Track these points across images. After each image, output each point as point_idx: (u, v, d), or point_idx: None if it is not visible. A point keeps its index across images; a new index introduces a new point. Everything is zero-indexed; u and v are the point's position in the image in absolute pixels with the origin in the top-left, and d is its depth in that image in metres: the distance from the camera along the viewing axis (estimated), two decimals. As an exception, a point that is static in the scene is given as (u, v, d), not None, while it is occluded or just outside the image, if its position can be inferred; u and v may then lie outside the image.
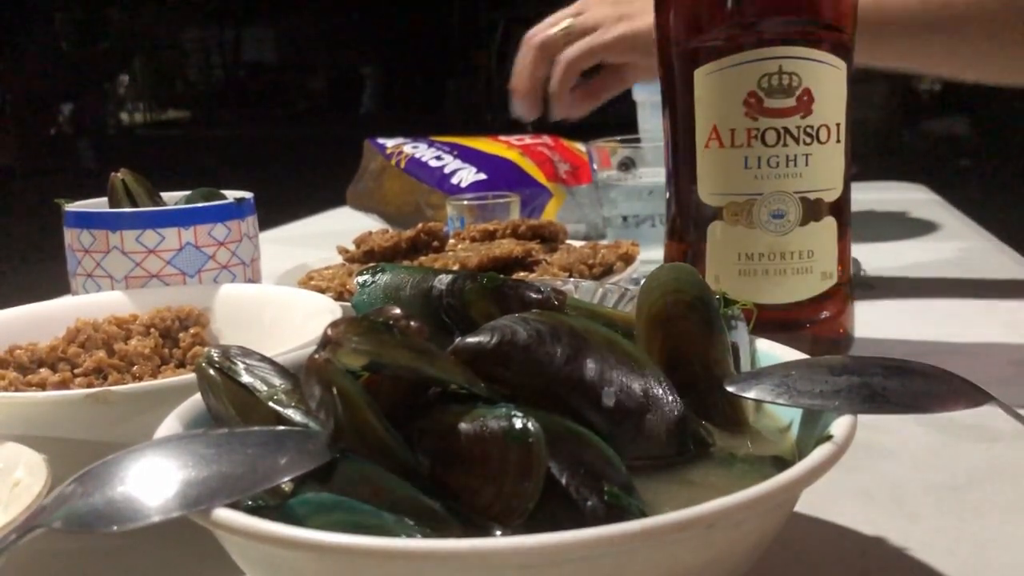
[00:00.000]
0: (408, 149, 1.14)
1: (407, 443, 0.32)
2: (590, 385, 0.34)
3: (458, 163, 1.10)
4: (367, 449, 0.31)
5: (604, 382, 0.34)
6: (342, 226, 1.20)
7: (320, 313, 0.56)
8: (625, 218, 0.91)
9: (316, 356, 0.31)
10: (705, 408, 0.38)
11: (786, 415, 0.38)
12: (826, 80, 0.56)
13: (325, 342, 0.32)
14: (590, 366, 0.34)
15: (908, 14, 0.56)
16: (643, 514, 0.31)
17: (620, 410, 0.34)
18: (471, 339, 0.34)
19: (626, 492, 0.31)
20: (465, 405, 0.32)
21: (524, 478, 0.30)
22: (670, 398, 0.35)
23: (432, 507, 0.30)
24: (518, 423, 0.30)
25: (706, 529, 0.27)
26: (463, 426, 0.31)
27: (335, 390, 0.31)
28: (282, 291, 0.64)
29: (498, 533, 0.30)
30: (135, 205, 0.70)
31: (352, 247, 0.80)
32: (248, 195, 0.72)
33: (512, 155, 1.11)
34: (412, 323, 0.33)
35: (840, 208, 0.59)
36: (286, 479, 0.30)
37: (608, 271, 0.73)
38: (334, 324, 0.32)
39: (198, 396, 0.37)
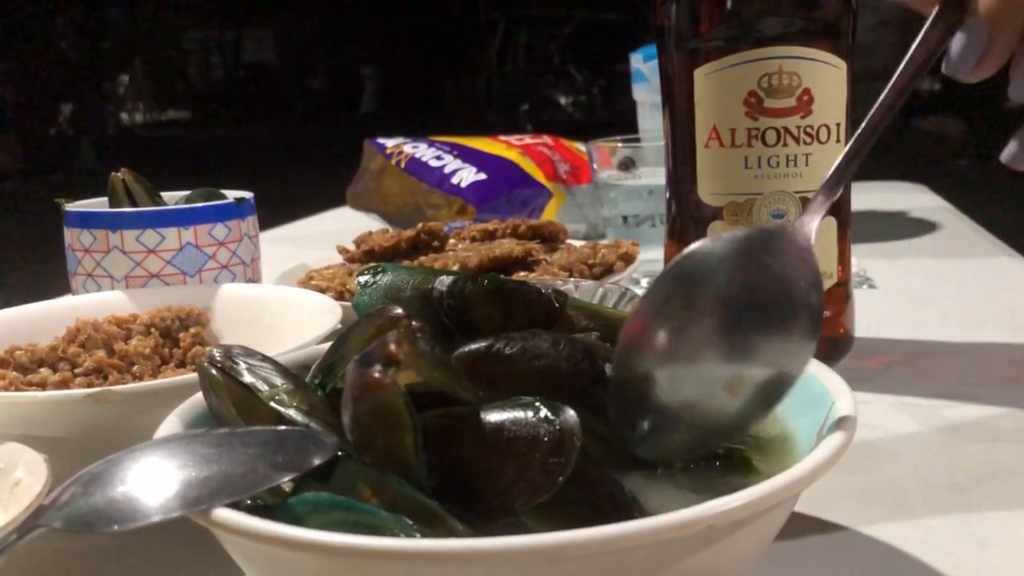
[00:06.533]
0: (408, 149, 1.15)
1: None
2: (598, 385, 0.34)
3: (458, 163, 1.10)
4: (390, 466, 0.31)
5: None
6: (342, 226, 1.20)
7: (320, 313, 0.56)
8: (625, 218, 0.91)
9: (378, 375, 0.30)
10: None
11: (787, 420, 0.38)
12: (826, 80, 0.56)
13: (388, 360, 0.30)
14: (596, 367, 0.35)
15: None
16: (643, 514, 0.31)
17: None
18: (473, 346, 0.34)
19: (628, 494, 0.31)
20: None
21: (556, 454, 0.30)
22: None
23: (432, 507, 0.30)
24: (547, 406, 0.31)
25: (706, 529, 0.27)
26: (484, 413, 0.32)
27: (392, 413, 0.30)
28: (282, 291, 0.64)
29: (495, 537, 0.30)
30: (135, 205, 0.70)
31: (352, 247, 0.80)
32: (248, 195, 0.72)
33: (512, 155, 1.11)
34: (413, 323, 0.33)
35: (840, 208, 0.59)
36: (286, 479, 0.30)
37: (608, 271, 0.73)
38: (397, 341, 0.31)
39: (199, 396, 0.37)
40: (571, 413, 0.31)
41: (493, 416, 0.32)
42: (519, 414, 0.31)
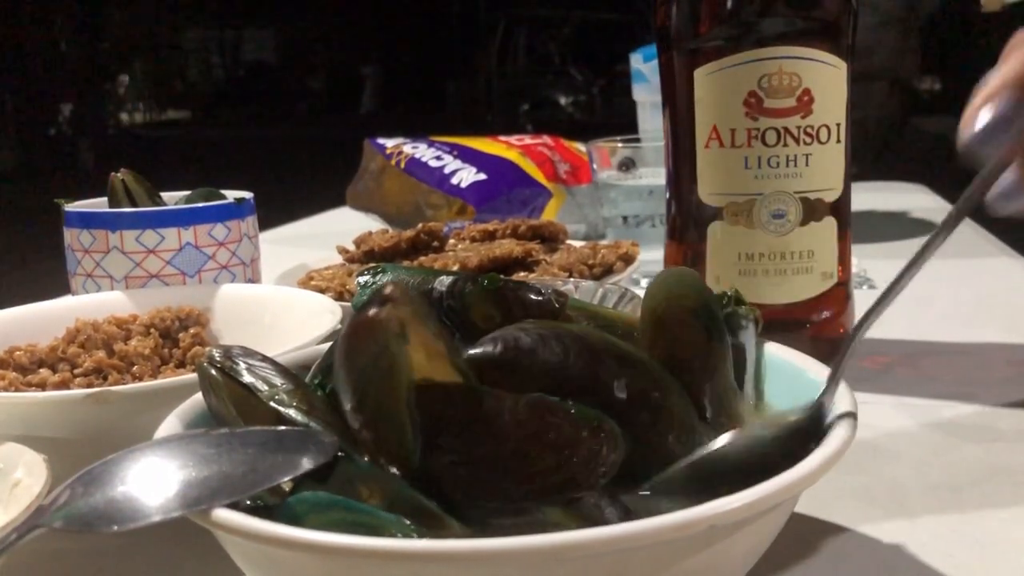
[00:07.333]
0: (408, 149, 1.14)
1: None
2: (600, 381, 0.34)
3: (458, 163, 1.10)
4: (380, 419, 0.31)
5: (612, 376, 0.34)
6: (342, 226, 1.20)
7: (320, 313, 0.56)
8: (625, 218, 0.91)
9: (373, 313, 0.31)
10: (702, 410, 0.38)
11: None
12: (826, 80, 0.56)
13: (383, 301, 0.31)
14: (597, 364, 0.35)
15: None
16: (644, 514, 0.31)
17: (633, 402, 0.35)
18: (477, 349, 0.34)
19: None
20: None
21: (611, 450, 0.31)
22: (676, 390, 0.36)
23: (431, 507, 0.30)
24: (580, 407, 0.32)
25: (707, 529, 0.27)
26: (512, 404, 0.31)
27: (385, 352, 0.31)
28: (282, 291, 0.64)
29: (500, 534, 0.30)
30: (135, 205, 0.70)
31: (352, 247, 0.80)
32: (248, 195, 0.71)
33: (512, 155, 1.11)
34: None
35: (840, 208, 0.58)
36: (286, 479, 0.30)
37: (608, 271, 0.73)
38: (392, 285, 0.32)
39: (199, 396, 0.37)
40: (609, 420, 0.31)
41: (519, 404, 0.31)
42: (556, 403, 0.31)
